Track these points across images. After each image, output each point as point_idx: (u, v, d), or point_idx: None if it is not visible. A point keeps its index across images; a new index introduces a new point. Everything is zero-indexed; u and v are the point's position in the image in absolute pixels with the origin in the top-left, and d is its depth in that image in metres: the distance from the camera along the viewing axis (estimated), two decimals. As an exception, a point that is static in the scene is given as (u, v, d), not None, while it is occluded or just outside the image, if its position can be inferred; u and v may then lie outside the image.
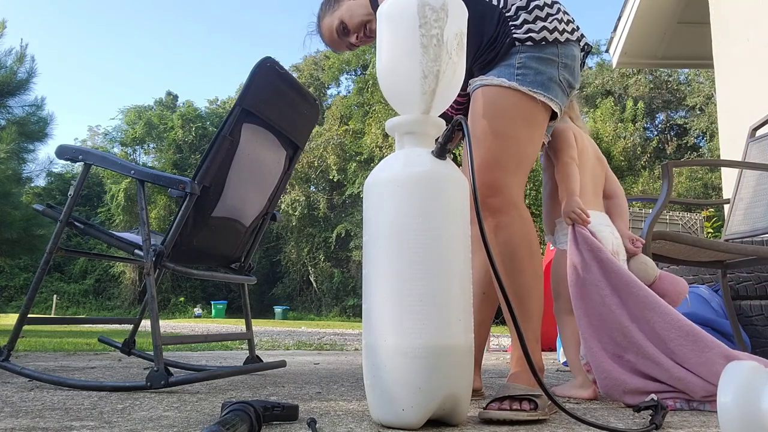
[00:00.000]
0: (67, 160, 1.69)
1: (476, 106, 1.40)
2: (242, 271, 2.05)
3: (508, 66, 1.39)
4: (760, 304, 2.82)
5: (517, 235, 1.35)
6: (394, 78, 1.18)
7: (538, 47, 1.40)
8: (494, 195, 1.35)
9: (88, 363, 2.33)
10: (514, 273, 1.34)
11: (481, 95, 1.40)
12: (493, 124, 1.36)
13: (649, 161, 20.58)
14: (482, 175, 1.34)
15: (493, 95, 1.39)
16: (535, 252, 1.38)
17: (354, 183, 24.40)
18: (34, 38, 63.15)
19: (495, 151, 1.35)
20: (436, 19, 1.13)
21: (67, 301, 25.04)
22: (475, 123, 1.39)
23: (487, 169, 1.35)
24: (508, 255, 1.34)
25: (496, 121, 1.37)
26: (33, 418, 1.10)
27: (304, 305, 26.30)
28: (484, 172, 1.35)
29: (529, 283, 1.35)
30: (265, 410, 1.06)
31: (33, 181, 7.36)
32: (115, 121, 43.93)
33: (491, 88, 1.39)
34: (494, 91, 1.39)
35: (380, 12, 1.21)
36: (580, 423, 1.15)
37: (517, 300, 1.33)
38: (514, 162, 1.37)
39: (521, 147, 1.39)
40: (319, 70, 30.09)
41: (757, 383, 0.88)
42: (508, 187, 1.36)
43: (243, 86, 1.70)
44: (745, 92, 4.15)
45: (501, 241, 1.34)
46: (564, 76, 1.43)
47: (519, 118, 1.38)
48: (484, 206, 1.34)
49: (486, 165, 1.35)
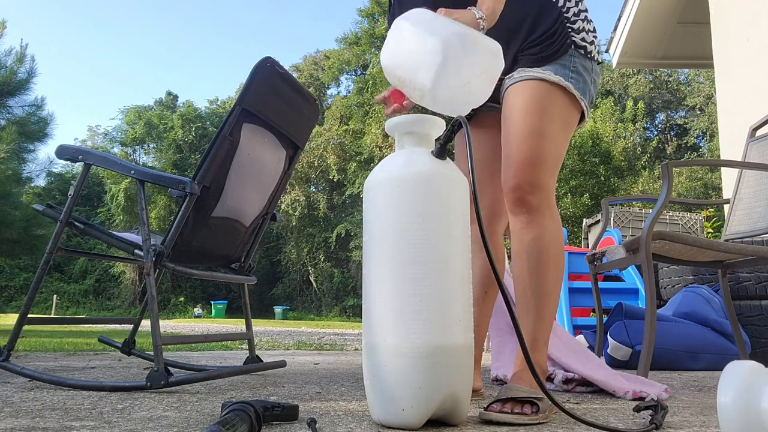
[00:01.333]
0: (67, 160, 1.69)
1: (522, 99, 1.38)
2: (242, 271, 2.05)
3: (564, 66, 1.39)
4: (760, 304, 2.82)
5: (548, 234, 1.34)
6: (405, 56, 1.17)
7: (586, 57, 1.42)
8: (534, 193, 1.34)
9: (88, 363, 2.33)
10: (539, 272, 1.33)
11: (529, 89, 1.38)
12: (541, 122, 1.35)
13: (649, 161, 20.59)
14: (525, 172, 1.33)
15: (542, 92, 1.37)
16: (561, 255, 1.38)
17: (354, 183, 24.40)
18: (34, 38, 63.11)
19: (540, 150, 1.34)
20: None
21: (67, 301, 25.03)
22: (518, 116, 1.37)
23: (531, 167, 1.33)
24: (536, 253, 1.33)
25: (544, 119, 1.36)
26: (33, 418, 1.10)
27: (304, 305, 26.30)
28: (527, 168, 1.33)
29: (551, 284, 1.34)
30: (265, 410, 1.06)
31: (33, 181, 7.36)
32: (115, 121, 43.96)
33: (543, 84, 1.37)
34: (545, 88, 1.37)
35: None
36: (580, 423, 1.15)
37: (535, 300, 1.33)
38: (553, 163, 1.37)
39: (560, 150, 1.39)
40: (319, 70, 30.09)
41: (757, 383, 0.88)
42: (547, 187, 1.36)
43: (243, 86, 1.70)
44: (745, 92, 4.15)
45: (531, 238, 1.33)
46: (592, 92, 1.45)
47: (562, 120, 1.39)
48: (522, 202, 1.33)
49: (530, 162, 1.33)
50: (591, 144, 14.78)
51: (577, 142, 14.51)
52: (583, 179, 14.43)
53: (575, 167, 14.45)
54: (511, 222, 1.38)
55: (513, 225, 1.37)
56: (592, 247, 2.46)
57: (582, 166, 14.59)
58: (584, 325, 3.35)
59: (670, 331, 2.65)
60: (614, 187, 15.19)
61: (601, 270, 2.32)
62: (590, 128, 15.51)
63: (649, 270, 1.93)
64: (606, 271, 2.32)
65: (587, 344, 2.86)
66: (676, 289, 3.31)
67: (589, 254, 2.34)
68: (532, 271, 1.33)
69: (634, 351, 2.61)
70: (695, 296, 2.98)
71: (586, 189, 14.21)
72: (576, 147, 14.48)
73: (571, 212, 13.71)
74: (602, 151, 15.12)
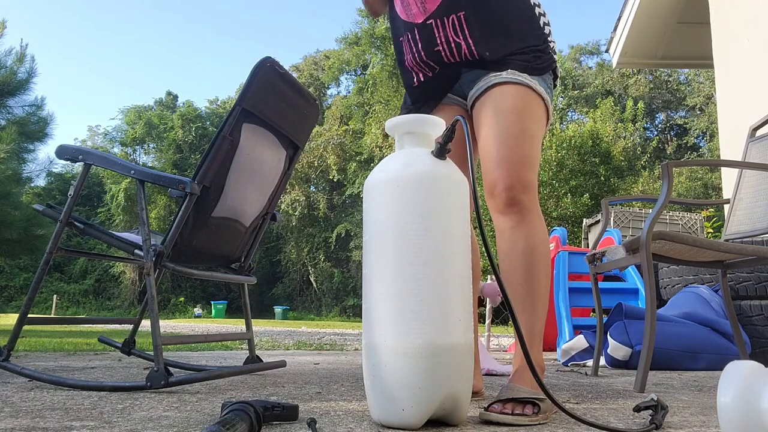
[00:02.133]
0: (67, 160, 1.69)
1: (513, 101, 1.42)
2: (242, 271, 2.05)
3: (544, 81, 1.49)
4: (760, 304, 2.82)
5: (538, 233, 1.37)
6: None
7: (555, 78, 1.57)
8: (525, 192, 1.37)
9: (88, 363, 2.33)
10: (532, 271, 1.35)
11: (520, 93, 1.43)
12: (529, 126, 1.42)
13: (649, 161, 20.59)
14: (519, 172, 1.37)
15: (532, 99, 1.44)
16: (549, 252, 1.42)
17: (354, 183, 24.41)
18: (34, 38, 63.13)
19: (529, 151, 1.40)
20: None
21: (67, 301, 25.05)
22: (512, 117, 1.41)
23: (524, 167, 1.38)
24: (529, 252, 1.36)
25: (532, 124, 1.42)
26: (33, 418, 1.10)
27: (304, 305, 26.31)
28: (521, 169, 1.37)
29: (543, 282, 1.37)
30: (265, 410, 1.06)
31: (33, 181, 7.36)
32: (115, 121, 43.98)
33: (532, 92, 1.44)
34: (534, 96, 1.44)
35: None
36: (580, 423, 1.15)
37: (530, 298, 1.35)
38: (537, 165, 1.44)
39: (539, 154, 1.47)
40: (319, 70, 30.10)
41: (757, 383, 0.88)
42: (535, 187, 1.40)
43: (243, 86, 1.70)
44: (745, 92, 4.15)
45: (523, 236, 1.36)
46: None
47: (542, 128, 1.48)
48: (514, 201, 1.36)
49: (523, 163, 1.38)
50: (591, 144, 14.76)
51: (577, 142, 14.50)
52: (583, 179, 14.41)
53: (575, 167, 14.43)
54: (500, 221, 1.39)
55: (502, 224, 1.38)
56: (592, 247, 2.46)
57: (582, 166, 14.57)
58: (584, 325, 3.35)
59: (670, 331, 2.65)
60: (614, 187, 15.18)
61: (601, 270, 2.32)
62: (590, 128, 15.49)
63: (649, 270, 1.93)
64: (606, 271, 2.32)
65: (587, 344, 2.87)
66: (676, 289, 3.31)
67: (589, 254, 2.34)
68: (527, 269, 1.35)
69: (634, 351, 2.61)
70: (695, 296, 2.98)
71: (586, 189, 14.20)
72: (576, 147, 14.46)
73: (571, 212, 13.70)
74: (602, 151, 15.10)
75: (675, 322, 2.75)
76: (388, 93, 22.34)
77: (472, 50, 1.46)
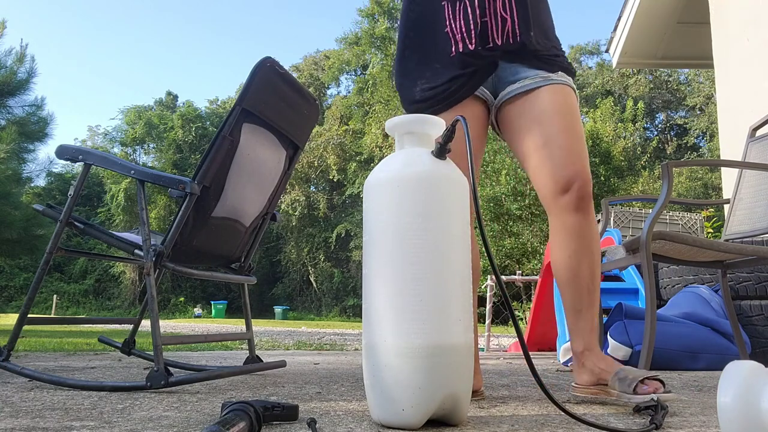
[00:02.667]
0: (67, 160, 1.69)
1: (571, 102, 1.49)
2: (242, 271, 2.05)
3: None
4: (760, 304, 2.82)
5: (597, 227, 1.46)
6: None
7: None
8: (589, 186, 1.43)
9: (88, 363, 2.33)
10: (597, 267, 1.44)
11: (571, 95, 1.51)
12: (579, 125, 1.49)
13: (649, 161, 20.59)
14: (587, 170, 1.44)
15: (576, 100, 1.52)
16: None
17: (354, 183, 24.41)
18: (34, 38, 63.15)
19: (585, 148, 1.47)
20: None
21: (67, 301, 25.05)
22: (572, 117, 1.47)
23: (585, 162, 1.44)
24: (597, 249, 1.44)
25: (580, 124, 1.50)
26: (33, 418, 1.10)
27: (304, 305, 26.31)
28: (587, 167, 1.44)
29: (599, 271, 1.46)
30: (265, 410, 1.06)
31: (33, 181, 7.37)
32: (115, 121, 43.99)
33: (573, 93, 1.52)
34: (575, 97, 1.52)
35: None
36: (580, 423, 1.15)
37: (596, 292, 1.43)
38: None
39: None
40: (319, 70, 30.10)
41: (757, 383, 0.88)
42: None
43: (243, 86, 1.70)
44: (745, 92, 4.15)
45: (593, 232, 1.43)
46: None
47: None
48: (588, 198, 1.42)
49: (587, 161, 1.45)
50: (591, 144, 14.76)
51: (577, 142, 14.50)
52: (583, 179, 14.41)
53: (575, 167, 14.42)
54: (571, 218, 1.41)
55: (572, 221, 1.41)
56: (592, 247, 2.46)
57: (582, 166, 14.56)
58: (584, 325, 3.35)
59: (670, 331, 2.65)
60: (614, 187, 15.18)
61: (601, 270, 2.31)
62: (590, 128, 15.50)
63: (649, 270, 1.93)
64: (606, 271, 2.32)
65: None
66: (676, 289, 3.31)
67: (589, 254, 2.34)
68: (596, 265, 1.44)
69: (634, 351, 2.61)
70: (695, 296, 2.98)
71: (586, 189, 14.19)
72: (576, 147, 14.47)
73: (571, 212, 13.67)
74: (602, 151, 15.10)
75: (675, 322, 2.75)
76: (388, 93, 22.35)
77: (516, 30, 1.47)
